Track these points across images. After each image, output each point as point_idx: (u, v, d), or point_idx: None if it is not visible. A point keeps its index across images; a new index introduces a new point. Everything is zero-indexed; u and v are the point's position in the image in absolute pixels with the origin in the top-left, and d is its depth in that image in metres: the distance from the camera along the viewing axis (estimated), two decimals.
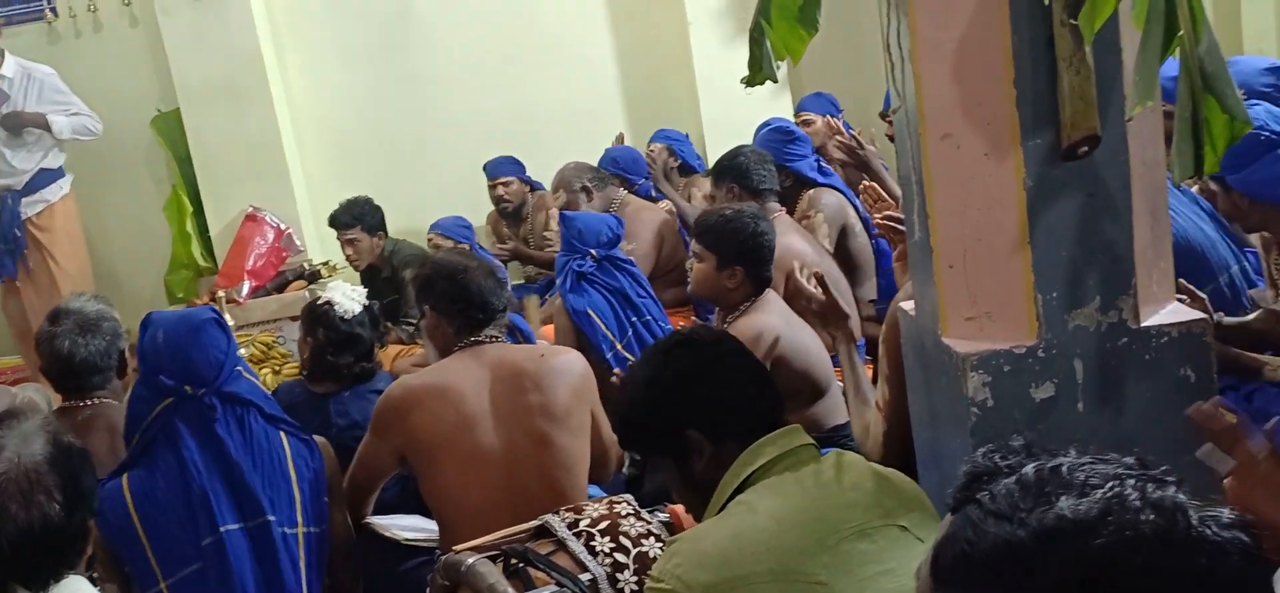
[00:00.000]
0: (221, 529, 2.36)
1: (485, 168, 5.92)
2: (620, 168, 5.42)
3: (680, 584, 1.61)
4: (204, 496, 2.37)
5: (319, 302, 3.31)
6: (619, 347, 3.76)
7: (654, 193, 5.64)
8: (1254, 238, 3.05)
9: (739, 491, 1.73)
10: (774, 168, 4.36)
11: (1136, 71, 1.61)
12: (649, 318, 3.90)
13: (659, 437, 1.84)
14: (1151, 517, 0.89)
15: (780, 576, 1.59)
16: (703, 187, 5.84)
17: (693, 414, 1.78)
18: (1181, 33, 1.57)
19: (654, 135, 6.14)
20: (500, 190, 5.86)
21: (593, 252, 3.92)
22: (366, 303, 3.32)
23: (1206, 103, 1.59)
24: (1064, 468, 0.95)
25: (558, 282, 4.02)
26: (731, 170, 4.31)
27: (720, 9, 6.26)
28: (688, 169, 6.08)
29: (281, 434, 2.51)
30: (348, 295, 3.29)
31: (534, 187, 5.95)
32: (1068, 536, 0.89)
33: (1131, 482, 0.92)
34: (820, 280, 2.75)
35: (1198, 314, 1.95)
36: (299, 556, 2.44)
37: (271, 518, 2.39)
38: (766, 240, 3.26)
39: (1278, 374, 2.63)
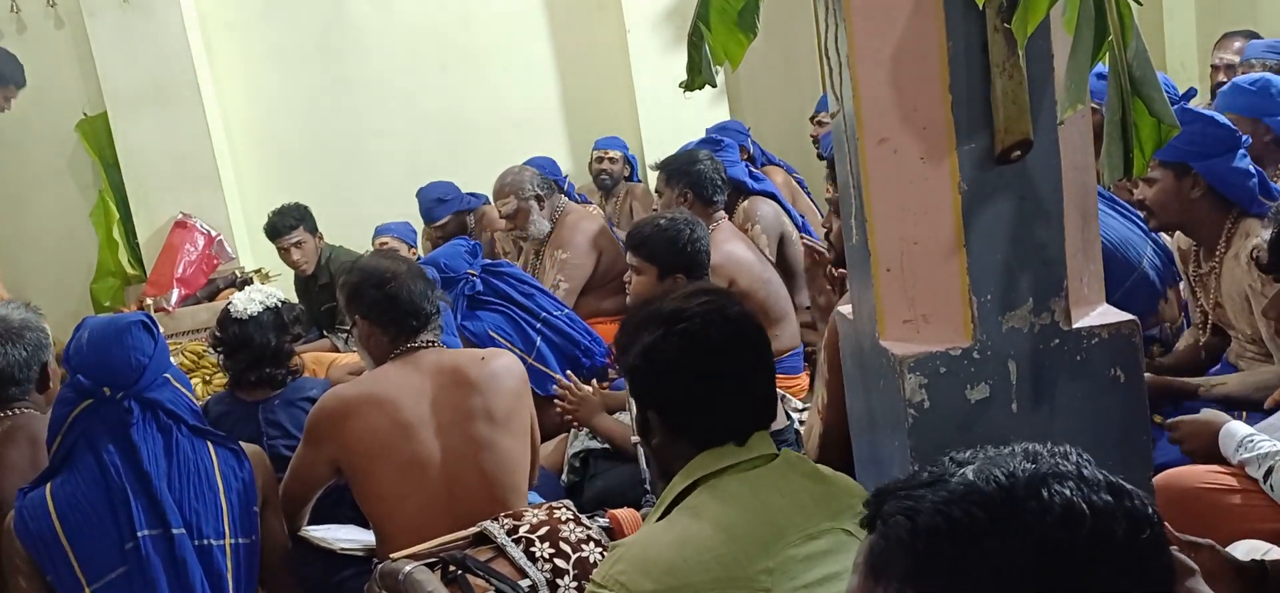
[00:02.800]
0: (139, 534, 2.32)
1: (422, 213, 5.68)
2: (548, 174, 5.39)
3: (623, 591, 1.59)
4: (125, 497, 2.33)
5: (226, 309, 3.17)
6: (530, 360, 3.72)
7: (576, 195, 5.61)
8: (1171, 243, 3.12)
9: (688, 490, 1.70)
10: (724, 180, 4.36)
11: (1067, 75, 1.64)
12: (545, 313, 3.85)
13: (633, 391, 1.83)
14: (1100, 495, 0.95)
15: (725, 584, 1.58)
16: (639, 194, 5.86)
17: (658, 401, 1.75)
18: (1111, 37, 1.59)
19: (601, 142, 6.12)
20: (436, 234, 5.64)
21: (471, 272, 3.87)
22: (276, 304, 3.14)
23: (1135, 106, 1.62)
24: (1002, 453, 1.01)
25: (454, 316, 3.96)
26: (687, 176, 4.25)
27: (659, 16, 6.27)
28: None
29: (209, 445, 2.47)
30: (250, 297, 3.12)
31: (471, 210, 5.80)
32: (1011, 506, 0.94)
33: (1068, 461, 0.99)
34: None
35: (1127, 316, 1.98)
36: (226, 567, 2.39)
37: (177, 531, 2.34)
38: (702, 245, 3.29)
39: (1212, 391, 2.71)
